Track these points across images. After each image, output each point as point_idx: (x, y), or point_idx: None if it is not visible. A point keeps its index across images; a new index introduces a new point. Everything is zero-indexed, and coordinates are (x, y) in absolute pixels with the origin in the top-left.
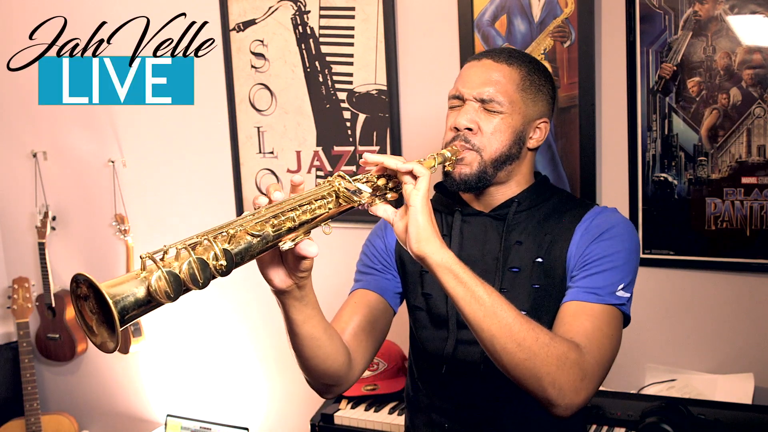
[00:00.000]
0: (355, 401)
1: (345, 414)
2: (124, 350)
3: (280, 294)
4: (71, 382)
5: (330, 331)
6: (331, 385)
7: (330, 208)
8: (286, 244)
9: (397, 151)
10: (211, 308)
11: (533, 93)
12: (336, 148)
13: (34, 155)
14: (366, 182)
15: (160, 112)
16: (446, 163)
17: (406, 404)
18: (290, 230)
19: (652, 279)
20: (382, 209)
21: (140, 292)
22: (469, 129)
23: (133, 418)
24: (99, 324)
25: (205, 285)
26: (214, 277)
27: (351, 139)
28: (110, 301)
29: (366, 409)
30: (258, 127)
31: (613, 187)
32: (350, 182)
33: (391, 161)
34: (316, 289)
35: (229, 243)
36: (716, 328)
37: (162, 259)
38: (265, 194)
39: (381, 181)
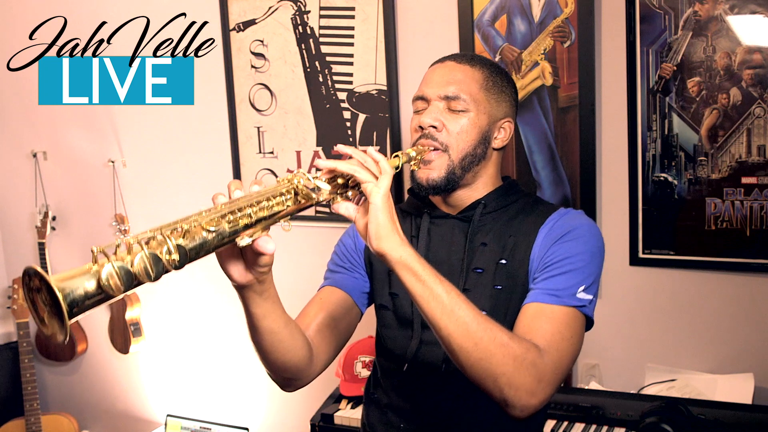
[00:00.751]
0: (355, 401)
1: (345, 414)
2: (124, 350)
3: (240, 288)
4: (71, 382)
5: (291, 326)
6: (291, 378)
7: (288, 206)
8: (243, 240)
9: (397, 151)
10: (211, 308)
11: (496, 93)
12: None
13: (34, 155)
14: (326, 180)
15: (160, 112)
16: (411, 163)
17: (365, 401)
18: (247, 226)
19: (652, 279)
20: (344, 207)
21: (90, 286)
22: (434, 127)
23: (133, 418)
24: (51, 316)
25: (157, 278)
26: (167, 271)
27: (351, 139)
28: (59, 295)
29: None
30: (258, 127)
31: (613, 187)
32: (309, 179)
33: (344, 166)
34: (280, 286)
35: (183, 238)
36: (716, 328)
37: (115, 253)
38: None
39: (341, 179)
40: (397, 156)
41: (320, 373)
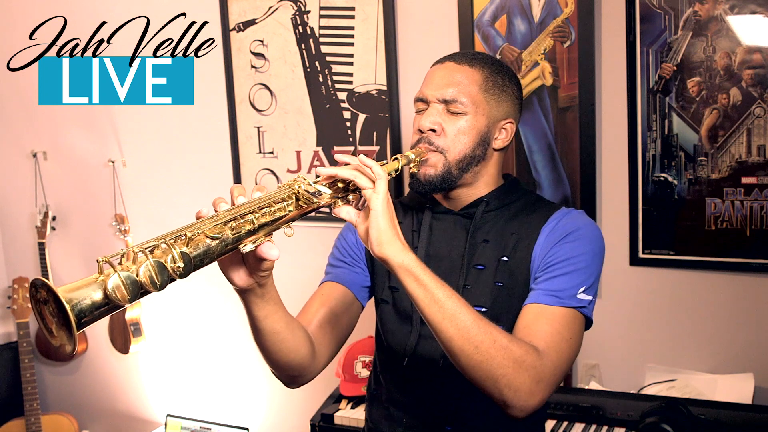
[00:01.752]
0: (355, 401)
1: (345, 414)
2: (124, 350)
3: (241, 292)
4: (71, 382)
5: (292, 325)
6: (295, 376)
7: (290, 211)
8: (246, 247)
9: (397, 151)
10: (211, 308)
11: (497, 94)
12: (336, 148)
13: (34, 155)
14: (326, 184)
15: (160, 112)
16: (411, 165)
17: (367, 398)
18: (250, 233)
19: (652, 279)
20: (345, 211)
21: (97, 296)
22: (433, 130)
23: (133, 418)
24: (59, 327)
25: (162, 287)
26: (172, 280)
27: (351, 139)
28: (67, 306)
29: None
30: (258, 127)
31: (613, 187)
32: (310, 184)
33: (345, 172)
34: (281, 286)
35: (187, 246)
36: (716, 328)
37: (120, 263)
38: (225, 197)
39: (341, 183)
40: (396, 159)
41: (323, 368)
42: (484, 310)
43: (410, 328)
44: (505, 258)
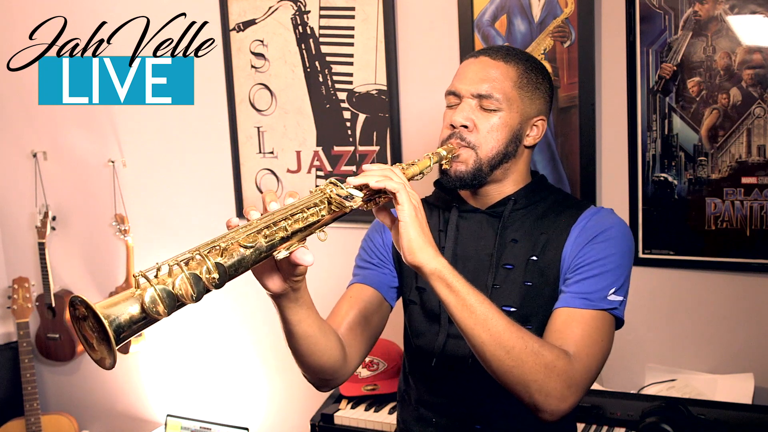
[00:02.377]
0: (355, 401)
1: (345, 414)
2: (124, 350)
3: (275, 297)
4: (71, 382)
5: (325, 329)
6: (327, 379)
7: (323, 216)
8: (280, 254)
9: (397, 150)
10: (211, 308)
11: (530, 91)
12: (336, 148)
13: (34, 155)
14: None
15: (160, 112)
16: (442, 162)
17: (398, 400)
18: (283, 240)
19: (652, 279)
20: (382, 216)
21: (135, 310)
22: (465, 126)
23: (133, 418)
24: (99, 341)
25: (198, 299)
26: (208, 291)
27: (351, 139)
28: (105, 322)
29: (366, 409)
30: (258, 127)
31: (613, 187)
32: (342, 188)
33: (374, 180)
34: (313, 288)
35: (221, 256)
36: (716, 328)
37: (156, 276)
38: (257, 203)
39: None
40: (428, 156)
41: (354, 370)
42: (513, 310)
43: (438, 327)
44: (534, 257)
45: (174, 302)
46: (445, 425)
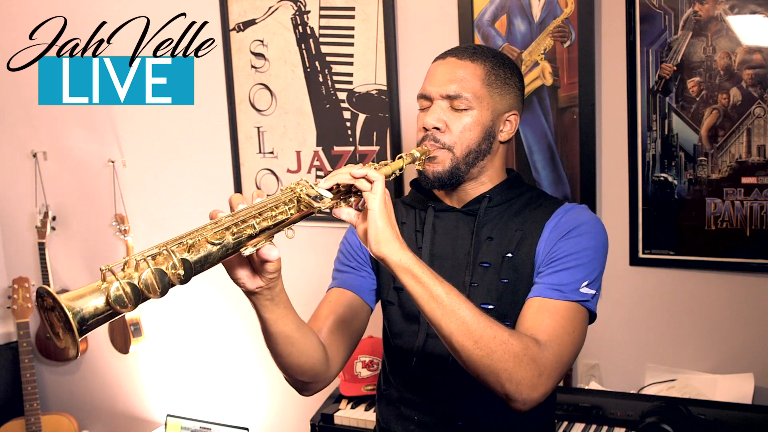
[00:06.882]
0: (355, 401)
1: (345, 414)
2: (124, 350)
3: (251, 295)
4: (71, 382)
5: (304, 329)
6: (308, 382)
7: (291, 214)
8: (247, 250)
9: (397, 150)
10: (211, 308)
11: (500, 87)
12: (336, 148)
13: (34, 155)
14: (328, 187)
15: (160, 112)
16: (416, 163)
17: (377, 399)
18: (251, 237)
19: (652, 279)
20: (345, 212)
21: (99, 303)
22: (437, 128)
23: (133, 418)
24: (65, 332)
25: (164, 293)
26: (172, 285)
27: (351, 139)
28: (69, 313)
29: (366, 409)
30: (258, 127)
31: (613, 187)
32: (312, 188)
33: (343, 176)
34: (289, 288)
35: (188, 252)
36: (716, 328)
37: (123, 270)
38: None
39: (342, 187)
40: (401, 157)
41: (337, 374)
42: (491, 307)
43: (417, 327)
44: (509, 254)
45: (138, 296)
46: (427, 423)
